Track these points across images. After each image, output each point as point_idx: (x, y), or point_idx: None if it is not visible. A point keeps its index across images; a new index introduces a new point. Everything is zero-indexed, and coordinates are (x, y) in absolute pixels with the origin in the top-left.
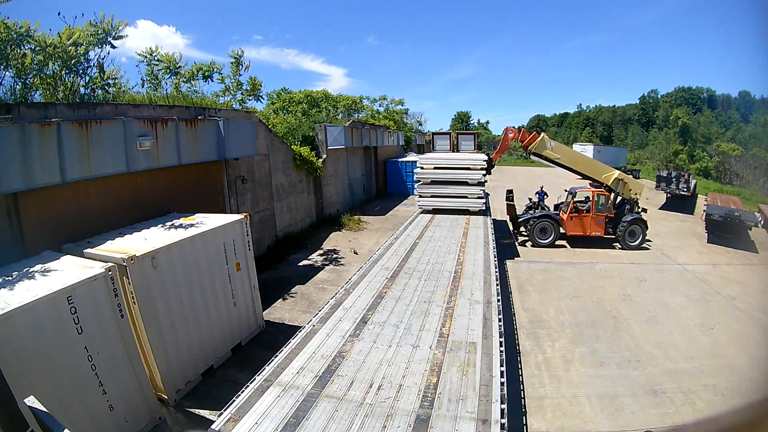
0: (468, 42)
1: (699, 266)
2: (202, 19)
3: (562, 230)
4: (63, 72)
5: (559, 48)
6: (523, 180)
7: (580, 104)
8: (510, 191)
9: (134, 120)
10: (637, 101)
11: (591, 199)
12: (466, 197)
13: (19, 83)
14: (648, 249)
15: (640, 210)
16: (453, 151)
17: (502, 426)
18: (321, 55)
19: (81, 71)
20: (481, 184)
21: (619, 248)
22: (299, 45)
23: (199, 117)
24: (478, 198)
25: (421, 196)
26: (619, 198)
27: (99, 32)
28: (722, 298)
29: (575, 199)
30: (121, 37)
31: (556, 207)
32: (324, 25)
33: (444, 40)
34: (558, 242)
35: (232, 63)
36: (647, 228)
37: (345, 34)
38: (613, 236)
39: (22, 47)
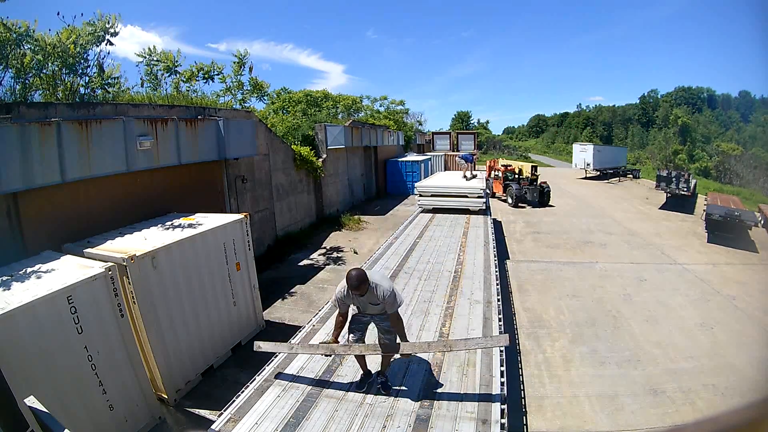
0: (472, 38)
1: (699, 266)
2: (178, 16)
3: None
4: (62, 72)
5: (560, 47)
6: None
7: (580, 104)
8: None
9: (134, 120)
10: (637, 101)
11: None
12: (467, 197)
13: (19, 83)
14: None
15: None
16: (453, 150)
17: (502, 426)
18: (318, 50)
19: (80, 71)
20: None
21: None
22: (295, 39)
23: (198, 117)
24: (478, 197)
25: (421, 195)
26: None
27: (97, 30)
28: (722, 297)
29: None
30: (116, 33)
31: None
32: (320, 17)
33: (447, 35)
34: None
35: (234, 63)
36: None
37: (343, 28)
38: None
39: (22, 47)
